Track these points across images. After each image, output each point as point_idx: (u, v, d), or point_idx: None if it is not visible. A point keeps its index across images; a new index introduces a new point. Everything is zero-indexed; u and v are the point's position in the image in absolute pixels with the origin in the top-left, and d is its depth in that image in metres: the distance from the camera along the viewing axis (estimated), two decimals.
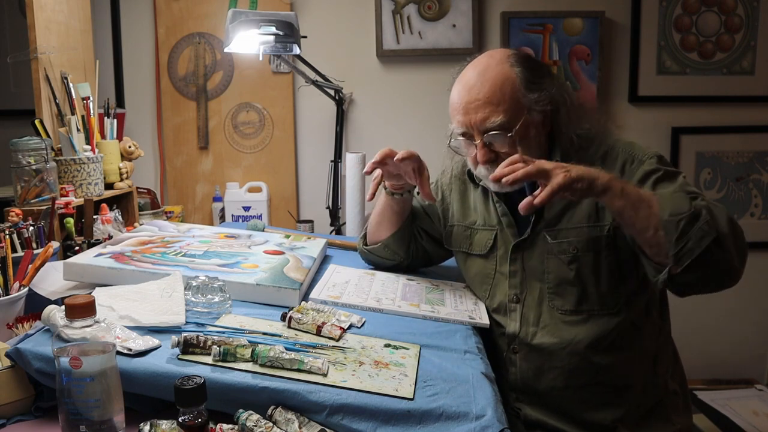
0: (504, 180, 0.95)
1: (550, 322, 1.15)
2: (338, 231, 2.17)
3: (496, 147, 1.13)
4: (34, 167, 1.43)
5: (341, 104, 2.23)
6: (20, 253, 1.17)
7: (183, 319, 0.93)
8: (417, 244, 1.39)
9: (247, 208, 2.27)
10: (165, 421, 0.71)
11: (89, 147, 1.64)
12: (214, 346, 0.82)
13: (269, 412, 0.76)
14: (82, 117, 1.66)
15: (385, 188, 1.30)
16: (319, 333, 0.97)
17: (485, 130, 1.12)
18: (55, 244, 1.25)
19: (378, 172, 1.22)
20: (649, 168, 1.11)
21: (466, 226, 1.30)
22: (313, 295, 1.17)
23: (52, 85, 1.64)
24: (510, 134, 1.11)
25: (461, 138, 1.18)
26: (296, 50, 1.77)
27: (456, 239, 1.32)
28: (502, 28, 2.32)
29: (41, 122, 1.57)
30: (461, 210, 1.33)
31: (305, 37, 1.93)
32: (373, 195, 1.24)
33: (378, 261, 1.40)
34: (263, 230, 1.63)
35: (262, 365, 0.81)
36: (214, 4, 2.30)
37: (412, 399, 0.79)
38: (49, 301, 1.01)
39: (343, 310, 1.09)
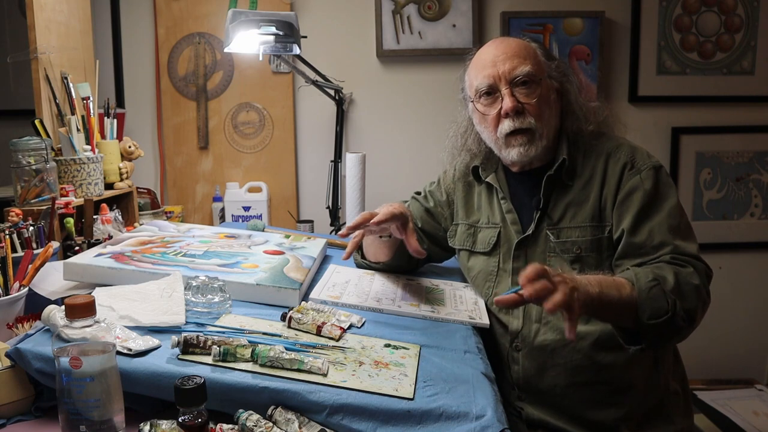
0: (549, 307, 0.88)
1: (553, 318, 1.15)
2: (338, 231, 2.16)
3: (521, 98, 1.16)
4: (34, 167, 1.43)
5: (341, 104, 2.23)
6: (20, 253, 1.17)
7: (183, 319, 0.93)
8: None
9: (247, 208, 2.27)
10: (165, 421, 0.70)
11: (89, 147, 1.64)
12: (214, 346, 0.82)
13: (269, 412, 0.76)
14: (82, 117, 1.66)
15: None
16: (319, 333, 0.97)
17: (513, 78, 1.16)
18: (55, 244, 1.25)
19: (358, 232, 1.22)
20: (639, 182, 1.13)
21: (470, 224, 1.31)
22: (313, 295, 1.17)
23: (52, 85, 1.64)
24: (537, 84, 1.16)
25: (483, 99, 1.19)
26: (296, 50, 1.76)
27: (460, 238, 1.32)
28: (502, 28, 2.32)
29: (41, 122, 1.57)
30: (465, 209, 1.33)
31: (305, 37, 1.93)
32: (350, 255, 1.21)
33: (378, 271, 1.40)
34: (263, 230, 1.63)
35: (262, 365, 0.81)
36: (214, 4, 2.30)
37: (412, 399, 0.79)
38: (49, 301, 1.01)
39: (343, 310, 1.09)
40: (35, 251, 1.19)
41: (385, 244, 1.32)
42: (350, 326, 1.03)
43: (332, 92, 2.17)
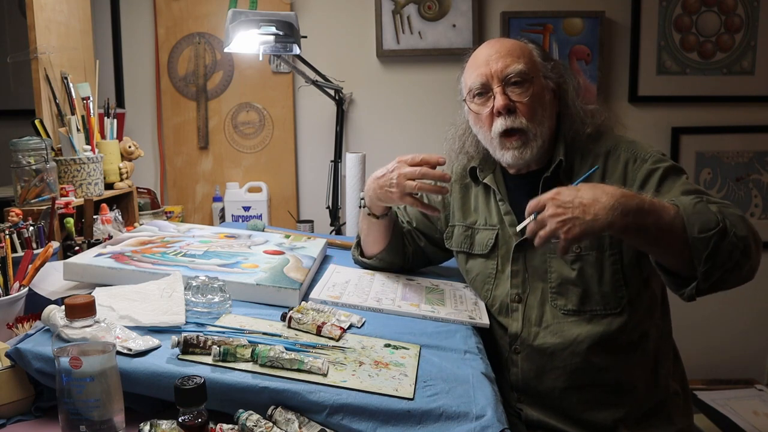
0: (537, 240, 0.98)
1: (553, 321, 1.15)
2: (338, 231, 2.17)
3: (513, 97, 1.16)
4: (34, 167, 1.43)
5: (341, 104, 2.23)
6: (20, 253, 1.17)
7: (183, 319, 0.93)
8: (415, 247, 1.40)
9: (247, 208, 2.27)
10: (165, 421, 0.70)
11: (89, 147, 1.64)
12: (214, 346, 0.82)
13: (269, 412, 0.76)
14: (82, 117, 1.66)
15: (370, 213, 1.30)
16: (319, 333, 0.97)
17: (506, 77, 1.15)
18: (55, 244, 1.25)
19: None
20: (651, 167, 1.12)
21: (467, 226, 1.30)
22: (313, 295, 1.17)
23: (52, 85, 1.64)
24: (530, 83, 1.15)
25: (476, 98, 1.19)
26: (296, 50, 1.76)
27: (457, 240, 1.32)
28: (502, 28, 2.32)
29: (41, 122, 1.57)
30: (462, 210, 1.33)
31: (305, 37, 1.93)
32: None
33: (376, 268, 1.40)
34: (263, 230, 1.63)
35: (262, 365, 0.81)
36: (214, 4, 2.30)
37: (412, 399, 0.79)
38: (49, 301, 1.01)
39: (343, 310, 1.09)
40: (35, 251, 1.19)
41: (380, 227, 1.31)
42: (350, 326, 1.03)
43: (332, 92, 2.17)
